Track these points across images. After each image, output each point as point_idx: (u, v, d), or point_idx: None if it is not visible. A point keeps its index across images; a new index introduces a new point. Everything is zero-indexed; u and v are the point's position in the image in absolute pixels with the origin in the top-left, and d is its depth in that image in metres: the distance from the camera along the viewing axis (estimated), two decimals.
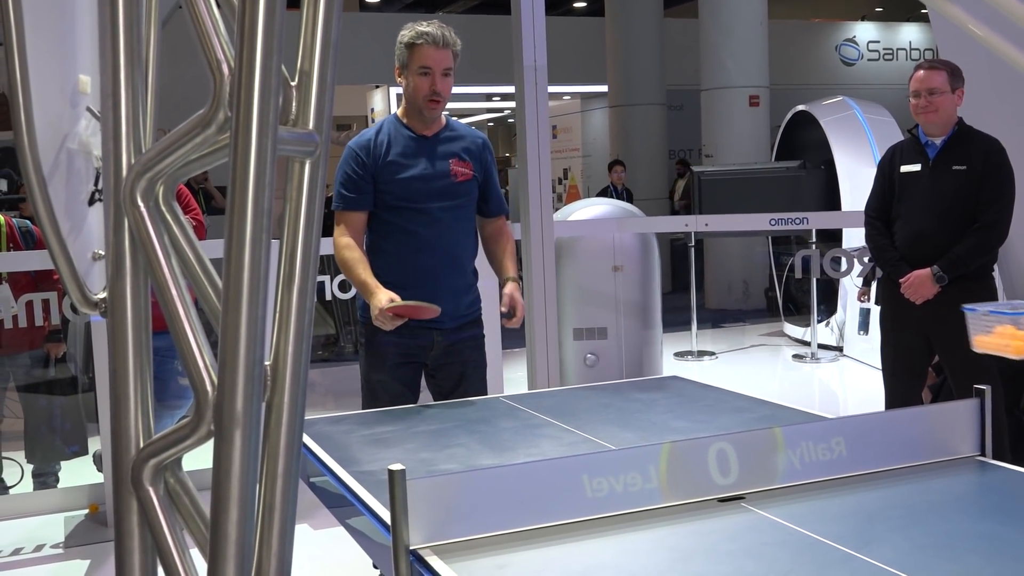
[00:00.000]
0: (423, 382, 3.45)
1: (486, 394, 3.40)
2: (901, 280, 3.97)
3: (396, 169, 3.27)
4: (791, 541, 1.76)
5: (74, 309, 4.89)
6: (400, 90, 3.34)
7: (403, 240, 3.29)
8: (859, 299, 6.97)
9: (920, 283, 3.91)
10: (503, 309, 3.33)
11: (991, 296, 4.04)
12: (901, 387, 4.16)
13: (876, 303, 6.07)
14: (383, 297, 3.05)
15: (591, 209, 6.38)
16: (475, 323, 3.46)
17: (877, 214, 4.20)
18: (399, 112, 3.36)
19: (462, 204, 3.36)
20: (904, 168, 4.09)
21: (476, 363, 3.44)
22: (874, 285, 5.68)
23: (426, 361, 3.36)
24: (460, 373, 3.37)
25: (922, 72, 4.00)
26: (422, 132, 3.31)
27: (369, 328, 3.26)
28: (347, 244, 3.24)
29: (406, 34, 3.24)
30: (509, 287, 3.35)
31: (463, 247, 3.40)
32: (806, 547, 1.73)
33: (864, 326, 7.83)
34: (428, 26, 3.22)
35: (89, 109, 4.43)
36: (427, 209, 3.28)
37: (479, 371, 3.45)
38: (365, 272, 3.19)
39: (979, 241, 3.89)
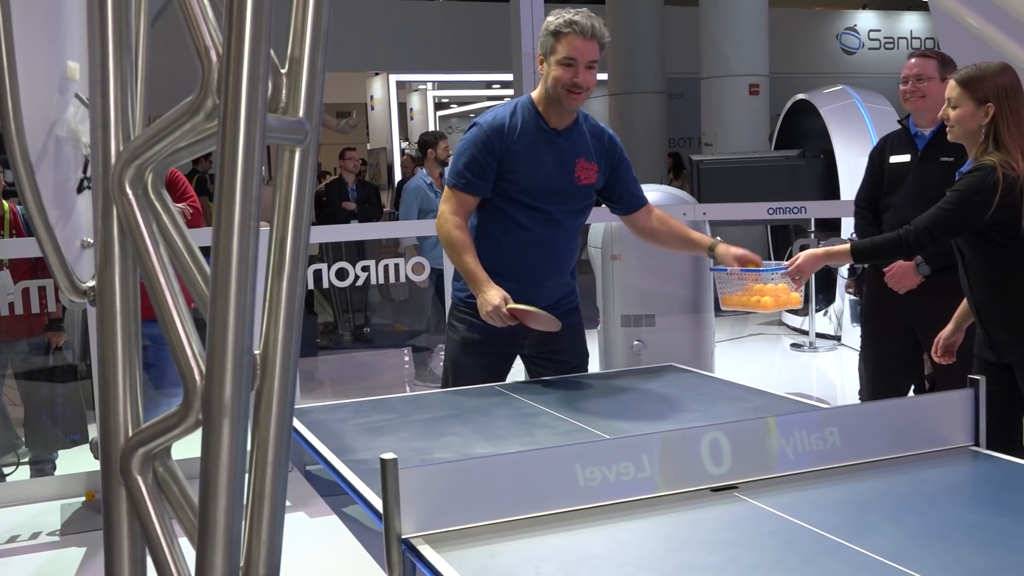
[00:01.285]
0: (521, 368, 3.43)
1: None
2: (885, 270, 3.98)
3: (522, 161, 3.17)
4: (784, 530, 1.76)
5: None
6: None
7: (517, 234, 3.22)
8: (847, 291, 6.92)
9: (903, 273, 3.93)
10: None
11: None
12: (880, 379, 4.16)
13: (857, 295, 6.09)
14: (496, 295, 2.97)
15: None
16: (572, 311, 3.39)
17: (866, 204, 4.21)
18: (534, 96, 3.25)
19: (581, 208, 3.33)
20: (894, 159, 4.10)
21: (581, 348, 3.42)
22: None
23: (521, 351, 3.33)
24: (573, 364, 3.35)
25: (913, 60, 4.03)
26: (554, 125, 3.21)
27: (459, 311, 3.27)
28: (458, 224, 3.15)
29: (553, 21, 3.12)
30: (728, 250, 3.26)
31: (572, 248, 3.36)
32: (799, 536, 1.73)
33: (856, 317, 7.86)
34: (577, 15, 3.09)
35: (78, 96, 4.41)
36: (547, 209, 3.21)
37: (581, 357, 3.42)
38: (474, 262, 3.10)
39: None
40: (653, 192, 6.38)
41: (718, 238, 3.36)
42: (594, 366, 5.92)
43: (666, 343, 5.76)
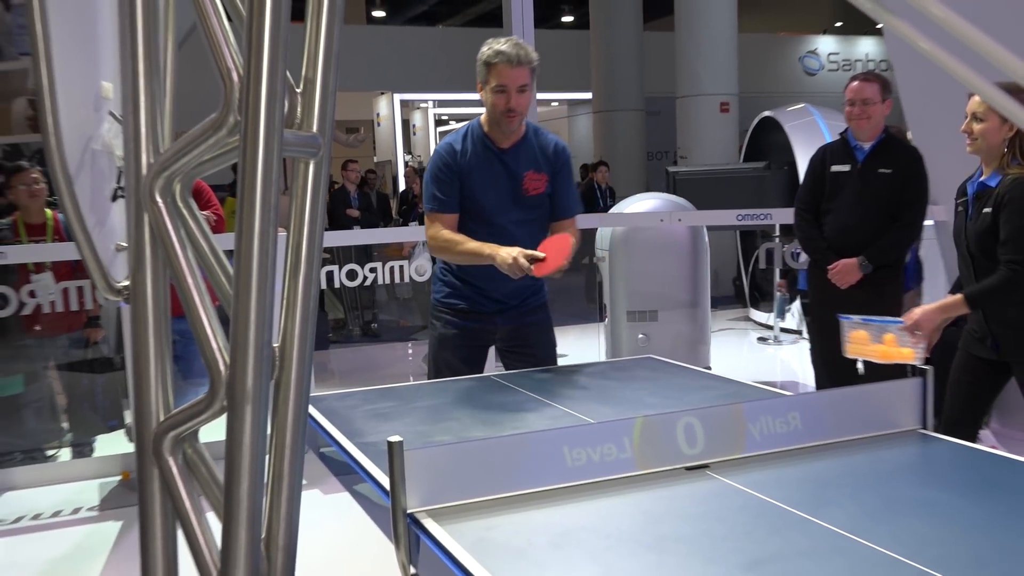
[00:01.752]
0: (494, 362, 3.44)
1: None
2: (829, 267, 4.03)
3: (475, 181, 3.18)
4: (751, 505, 1.77)
5: None
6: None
7: (490, 240, 3.18)
8: (778, 290, 6.87)
9: (847, 270, 4.00)
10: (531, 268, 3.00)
11: (901, 282, 4.15)
12: (828, 368, 4.18)
13: (790, 293, 6.11)
14: (510, 251, 2.93)
15: (645, 203, 6.39)
16: (538, 309, 3.38)
17: (807, 207, 4.23)
18: (482, 119, 3.24)
19: (535, 217, 3.26)
20: (835, 168, 4.13)
21: (548, 343, 3.40)
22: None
23: (493, 344, 3.34)
24: (539, 359, 3.33)
25: (856, 83, 4.05)
26: (500, 145, 3.19)
27: (437, 310, 3.29)
28: (450, 234, 3.14)
29: (485, 52, 3.10)
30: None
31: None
32: (764, 511, 1.73)
33: (781, 313, 7.91)
34: (504, 45, 3.07)
35: (111, 113, 4.41)
36: (501, 223, 3.20)
37: (551, 352, 3.41)
38: (474, 244, 3.07)
39: (901, 237, 4.04)
40: (654, 200, 6.43)
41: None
42: (602, 356, 5.96)
43: (668, 335, 5.82)
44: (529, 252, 2.91)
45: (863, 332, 3.06)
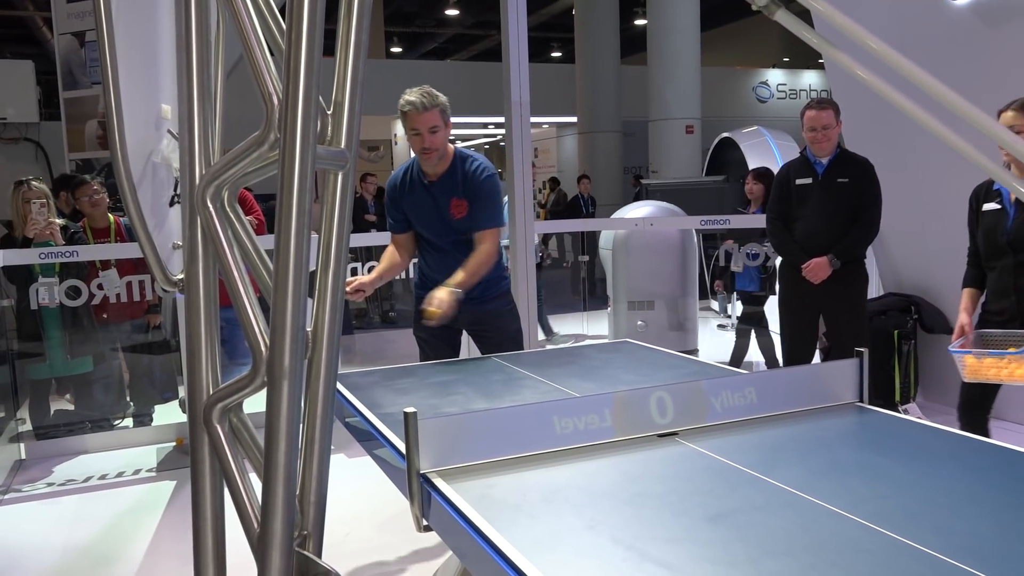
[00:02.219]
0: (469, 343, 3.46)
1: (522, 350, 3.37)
2: (803, 266, 4.01)
3: (411, 209, 3.23)
4: (714, 467, 1.76)
5: None
6: None
7: (428, 258, 3.33)
8: (715, 289, 6.78)
9: (820, 267, 3.98)
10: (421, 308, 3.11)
11: (865, 276, 4.12)
12: (796, 352, 4.20)
13: (727, 291, 6.12)
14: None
15: (642, 209, 6.40)
16: (500, 297, 3.35)
17: (778, 216, 4.22)
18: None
19: (464, 238, 3.22)
20: (799, 181, 4.12)
21: (506, 328, 3.37)
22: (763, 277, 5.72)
23: (461, 327, 3.34)
24: (497, 340, 3.33)
25: (814, 112, 3.98)
26: (429, 177, 3.19)
27: (416, 297, 3.32)
28: (391, 250, 3.30)
29: (400, 102, 3.08)
30: (439, 289, 3.08)
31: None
32: (725, 471, 1.73)
33: (723, 309, 7.85)
34: (413, 95, 3.05)
35: (169, 131, 4.40)
36: (440, 244, 3.25)
37: (511, 334, 3.38)
38: (379, 268, 3.28)
39: (863, 235, 4.00)
40: (647, 207, 6.44)
41: (452, 285, 3.10)
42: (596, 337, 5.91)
43: (662, 322, 5.86)
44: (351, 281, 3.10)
45: (980, 361, 2.92)
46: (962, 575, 1.23)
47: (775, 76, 18.82)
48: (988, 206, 3.27)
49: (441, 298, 2.99)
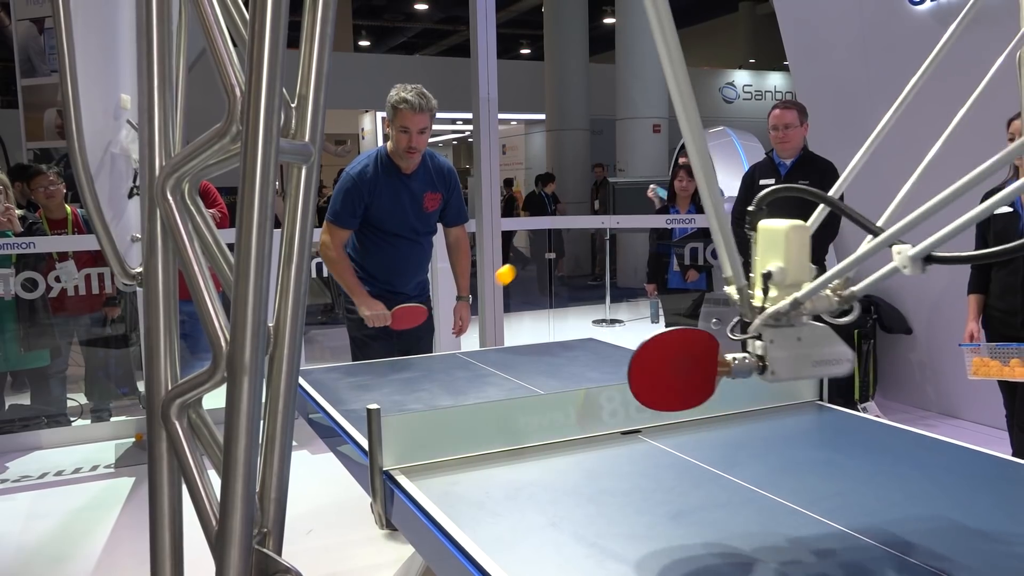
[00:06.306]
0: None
1: (431, 352, 3.49)
2: None
3: (384, 202, 3.23)
4: (676, 464, 1.78)
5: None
6: (384, 114, 3.28)
7: (387, 250, 3.31)
8: (650, 295, 6.79)
9: None
10: (453, 331, 3.45)
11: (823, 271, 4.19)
12: None
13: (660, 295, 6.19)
14: (374, 305, 3.18)
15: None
16: (426, 291, 3.54)
17: (742, 216, 4.26)
18: (388, 148, 3.25)
19: (430, 230, 3.40)
20: (763, 181, 4.18)
21: (425, 329, 3.47)
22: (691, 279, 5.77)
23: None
24: (419, 333, 3.42)
25: (778, 111, 4.07)
26: (404, 170, 3.24)
27: (350, 302, 3.33)
28: (338, 249, 3.24)
29: (393, 96, 3.11)
30: (458, 306, 3.43)
31: (427, 255, 3.47)
32: (687, 468, 1.74)
33: (656, 317, 7.79)
34: (409, 93, 3.09)
35: (129, 121, 4.34)
36: (406, 235, 3.29)
37: (427, 335, 3.51)
38: (354, 279, 3.24)
39: (825, 234, 4.05)
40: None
41: (466, 296, 3.48)
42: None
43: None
44: (385, 313, 3.15)
45: (989, 359, 3.07)
46: (917, 570, 1.25)
47: (741, 77, 18.99)
48: (998, 210, 3.38)
49: (467, 317, 3.41)
